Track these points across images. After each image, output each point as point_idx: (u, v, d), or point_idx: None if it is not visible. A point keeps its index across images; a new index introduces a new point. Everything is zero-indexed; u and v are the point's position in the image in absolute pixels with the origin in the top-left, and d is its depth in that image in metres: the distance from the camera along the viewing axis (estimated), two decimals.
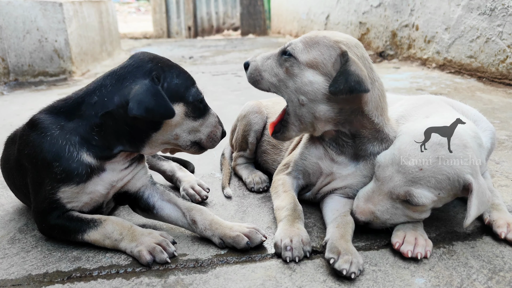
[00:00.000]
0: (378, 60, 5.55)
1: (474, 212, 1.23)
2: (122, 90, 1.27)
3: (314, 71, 1.37)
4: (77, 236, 1.35)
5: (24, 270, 1.27)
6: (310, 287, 1.14)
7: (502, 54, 3.63)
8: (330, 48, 1.36)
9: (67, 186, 1.32)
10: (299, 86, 1.39)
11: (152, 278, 1.21)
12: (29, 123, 1.39)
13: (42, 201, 1.35)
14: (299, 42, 1.41)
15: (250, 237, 1.32)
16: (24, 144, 1.37)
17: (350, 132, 1.43)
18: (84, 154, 1.31)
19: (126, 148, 1.36)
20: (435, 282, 1.15)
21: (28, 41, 4.77)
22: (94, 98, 1.31)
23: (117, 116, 1.29)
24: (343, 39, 1.39)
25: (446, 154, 1.25)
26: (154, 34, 13.25)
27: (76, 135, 1.31)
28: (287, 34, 10.18)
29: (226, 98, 3.64)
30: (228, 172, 1.92)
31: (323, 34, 1.41)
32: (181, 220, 1.43)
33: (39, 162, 1.32)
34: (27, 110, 1.66)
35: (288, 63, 1.40)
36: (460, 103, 1.61)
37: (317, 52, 1.37)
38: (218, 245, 1.35)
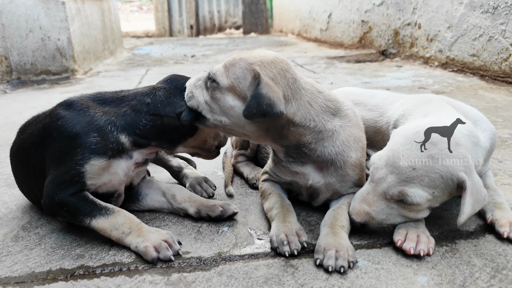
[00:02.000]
0: (380, 58, 5.54)
1: (468, 210, 1.23)
2: (174, 105, 1.52)
3: (233, 95, 1.35)
4: (85, 219, 1.36)
5: (28, 268, 1.27)
6: (313, 285, 1.14)
7: (505, 52, 3.63)
8: (245, 70, 1.33)
9: (98, 158, 1.39)
10: (223, 110, 1.37)
11: (155, 276, 1.21)
12: (64, 104, 1.49)
13: (65, 172, 1.37)
14: (221, 67, 1.39)
15: (224, 207, 1.50)
16: (56, 119, 1.44)
17: (292, 143, 1.40)
18: (123, 136, 1.45)
19: (162, 144, 1.54)
20: (438, 280, 1.15)
21: (30, 39, 4.78)
22: (148, 100, 1.52)
23: (165, 120, 1.50)
24: (258, 59, 1.35)
25: (439, 153, 1.25)
26: (156, 33, 13.26)
27: (122, 120, 1.47)
28: (289, 33, 10.18)
29: None
30: (230, 170, 1.92)
31: (243, 56, 1.37)
32: (161, 200, 1.59)
33: (72, 133, 1.40)
34: (30, 109, 1.66)
35: (212, 87, 1.38)
36: (461, 102, 1.61)
37: (234, 76, 1.34)
38: (193, 215, 1.52)
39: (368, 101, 1.86)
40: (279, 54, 1.42)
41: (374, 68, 4.92)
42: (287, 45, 8.09)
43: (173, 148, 1.58)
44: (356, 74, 4.52)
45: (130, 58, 6.91)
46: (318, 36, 8.19)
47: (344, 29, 7.05)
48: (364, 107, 1.85)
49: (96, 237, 1.43)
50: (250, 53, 1.39)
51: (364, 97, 1.90)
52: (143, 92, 1.56)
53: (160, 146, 1.55)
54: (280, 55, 1.42)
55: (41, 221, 1.56)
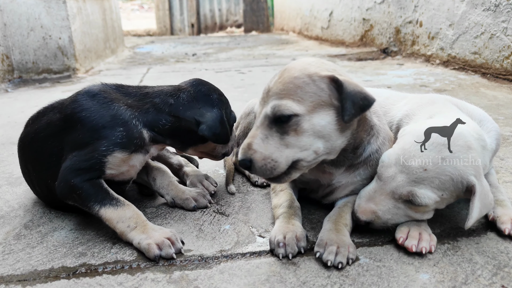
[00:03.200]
0: (382, 56, 5.53)
1: (476, 214, 1.22)
2: (195, 110, 1.56)
3: (319, 114, 1.25)
4: (94, 206, 1.37)
5: (30, 266, 1.27)
6: (315, 282, 1.15)
7: (506, 50, 3.62)
8: (315, 83, 1.25)
9: (121, 152, 1.44)
10: (316, 136, 1.26)
11: (157, 274, 1.21)
12: (87, 94, 1.51)
13: (86, 160, 1.40)
14: (284, 99, 1.25)
15: (198, 200, 1.60)
16: (80, 110, 1.46)
17: (354, 145, 1.38)
18: (145, 131, 1.50)
19: (175, 144, 1.62)
20: (440, 278, 1.15)
21: (32, 38, 4.79)
22: (171, 101, 1.55)
23: (183, 123, 1.54)
24: (315, 67, 1.29)
25: (451, 155, 1.25)
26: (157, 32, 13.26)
27: (145, 117, 1.51)
28: (290, 31, 10.17)
29: (230, 95, 3.61)
30: (231, 168, 1.92)
31: (293, 75, 1.27)
32: (144, 179, 1.67)
33: (98, 127, 1.43)
34: (32, 107, 1.66)
35: (293, 125, 1.24)
36: (465, 102, 1.60)
37: (308, 95, 1.24)
38: (169, 203, 1.62)
39: None
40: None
41: (375, 66, 4.91)
42: (288, 43, 8.09)
43: (184, 149, 1.66)
44: (357, 72, 4.51)
45: (132, 56, 6.91)
46: (319, 34, 8.18)
47: (345, 27, 7.04)
48: None
49: (98, 235, 1.44)
50: (297, 68, 1.29)
51: None
52: (167, 91, 1.59)
53: (173, 145, 1.62)
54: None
55: (43, 219, 1.57)
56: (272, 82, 1.31)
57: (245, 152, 1.26)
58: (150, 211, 1.61)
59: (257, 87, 3.94)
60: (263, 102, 1.32)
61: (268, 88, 1.31)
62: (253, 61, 5.75)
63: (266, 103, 1.29)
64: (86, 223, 1.52)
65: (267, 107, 1.28)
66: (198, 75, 4.81)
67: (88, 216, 1.57)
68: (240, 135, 1.93)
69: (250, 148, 1.26)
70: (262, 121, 1.28)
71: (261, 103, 1.32)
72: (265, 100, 1.31)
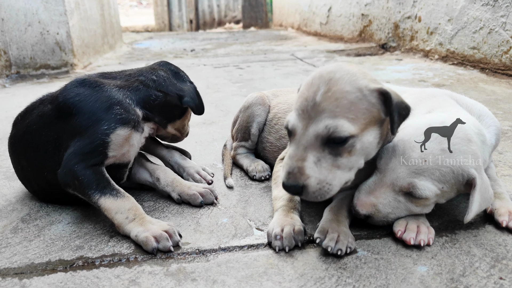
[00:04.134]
0: (380, 52, 5.52)
1: (476, 208, 1.22)
2: (174, 85, 1.68)
3: (368, 131, 1.20)
4: (94, 195, 1.36)
5: (27, 259, 1.27)
6: (312, 274, 1.14)
7: (505, 45, 3.61)
8: (367, 98, 1.18)
9: (123, 128, 1.46)
10: (363, 153, 1.22)
11: (154, 267, 1.21)
12: (76, 82, 1.53)
13: (88, 143, 1.40)
14: (339, 119, 1.15)
15: (205, 196, 1.57)
16: (72, 96, 1.48)
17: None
18: (137, 108, 1.55)
19: (160, 120, 1.66)
20: (438, 270, 1.15)
21: (29, 33, 4.77)
22: (153, 77, 1.65)
23: (168, 98, 1.64)
24: (361, 78, 1.21)
25: (451, 147, 1.24)
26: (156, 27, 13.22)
27: (136, 95, 1.57)
28: (289, 27, 10.14)
29: (228, 90, 3.64)
30: (229, 162, 1.92)
31: (343, 88, 1.17)
32: (149, 180, 1.66)
33: (95, 108, 1.45)
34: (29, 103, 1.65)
35: (348, 147, 1.17)
36: (465, 97, 1.59)
37: (362, 113, 1.17)
38: (175, 200, 1.59)
39: None
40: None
41: (374, 61, 4.90)
42: (287, 39, 8.07)
43: (165, 126, 1.70)
44: None
45: (130, 52, 6.89)
46: (318, 30, 8.16)
47: (344, 22, 7.02)
48: None
49: (95, 229, 1.43)
50: (345, 79, 1.19)
51: None
52: (147, 70, 1.68)
53: (159, 122, 1.66)
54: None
55: (40, 213, 1.56)
56: (319, 95, 1.17)
57: (296, 178, 1.15)
58: (148, 204, 1.60)
59: (255, 82, 3.94)
60: (307, 117, 1.17)
61: (314, 101, 1.17)
62: (252, 57, 5.73)
63: (315, 120, 1.16)
64: (83, 217, 1.52)
65: (319, 125, 1.15)
66: (196, 70, 4.80)
67: (85, 210, 1.57)
68: (239, 128, 1.93)
69: (303, 174, 1.15)
70: (312, 142, 1.16)
71: (304, 117, 1.18)
72: (311, 115, 1.16)
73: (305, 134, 1.17)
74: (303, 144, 1.17)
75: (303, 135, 1.17)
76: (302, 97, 1.21)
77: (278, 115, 1.82)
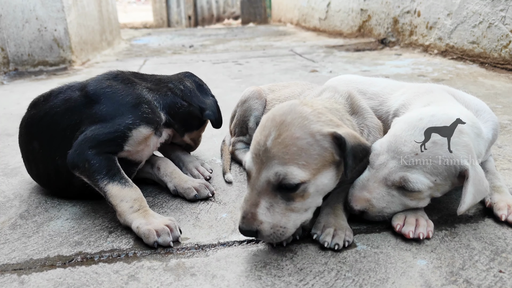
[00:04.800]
0: (380, 47, 5.51)
1: (469, 200, 1.22)
2: (198, 97, 1.75)
3: (322, 174, 1.19)
4: (103, 180, 1.36)
5: (26, 255, 1.27)
6: (312, 269, 1.14)
7: (505, 39, 3.60)
8: (319, 143, 1.17)
9: (146, 127, 1.49)
10: (318, 195, 1.23)
11: (153, 262, 1.21)
12: (109, 75, 1.60)
13: (108, 132, 1.42)
14: (289, 166, 1.13)
15: (199, 190, 1.57)
16: (105, 86, 1.53)
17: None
18: (162, 113, 1.60)
19: (179, 128, 1.70)
20: (437, 264, 1.14)
21: (27, 30, 4.74)
22: (181, 87, 1.71)
23: (191, 108, 1.70)
24: (315, 122, 1.19)
25: (442, 139, 1.24)
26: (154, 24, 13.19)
27: (165, 99, 1.62)
28: (288, 22, 10.12)
29: (227, 86, 3.63)
30: (228, 157, 1.91)
31: (294, 135, 1.15)
32: (149, 171, 1.68)
33: (125, 101, 1.49)
34: (27, 99, 1.65)
35: (300, 192, 1.17)
36: (463, 92, 1.59)
37: (314, 158, 1.16)
38: (171, 192, 1.60)
39: (367, 89, 1.84)
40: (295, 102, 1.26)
41: (373, 56, 4.89)
42: (285, 35, 8.05)
43: (183, 134, 1.75)
44: (355, 63, 4.49)
45: (128, 48, 6.87)
46: (317, 25, 8.14)
47: (343, 18, 7.00)
48: (363, 95, 1.83)
49: (94, 224, 1.43)
50: (296, 124, 1.17)
51: (364, 85, 1.88)
52: (175, 78, 1.75)
53: (177, 130, 1.70)
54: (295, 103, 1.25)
55: (38, 209, 1.56)
56: (269, 140, 1.15)
57: (250, 223, 1.15)
58: (147, 200, 1.58)
59: (254, 77, 3.92)
60: (260, 161, 1.17)
61: (266, 147, 1.16)
62: (251, 52, 5.72)
63: (266, 166, 1.15)
64: (82, 213, 1.51)
65: (269, 172, 1.15)
66: (195, 66, 4.79)
67: (84, 206, 1.56)
68: (237, 123, 1.92)
69: (256, 219, 1.15)
70: (264, 187, 1.16)
71: (257, 162, 1.17)
72: (262, 160, 1.16)
73: (258, 179, 1.17)
74: (256, 189, 1.17)
75: (257, 179, 1.17)
76: (255, 140, 1.20)
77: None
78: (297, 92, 1.76)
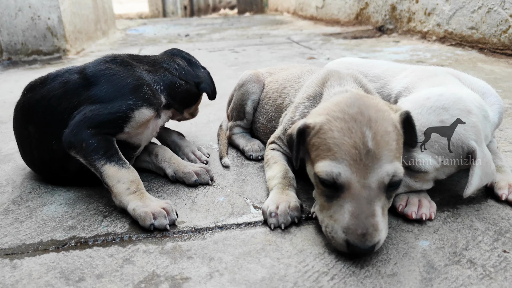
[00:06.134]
0: (378, 34, 5.46)
1: (476, 182, 1.19)
2: (191, 73, 1.73)
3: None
4: (99, 160, 1.33)
5: (18, 240, 1.23)
6: (312, 250, 1.11)
7: (504, 24, 3.56)
8: (397, 128, 1.14)
9: (148, 108, 1.46)
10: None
11: (149, 245, 1.17)
12: (108, 58, 1.57)
13: (109, 113, 1.37)
14: (395, 162, 1.08)
15: (200, 175, 1.54)
16: (104, 69, 1.49)
17: None
18: (162, 95, 1.57)
19: (178, 107, 1.68)
20: (440, 244, 1.12)
21: (20, 19, 4.67)
22: (175, 65, 1.68)
23: (188, 86, 1.69)
24: (384, 105, 1.16)
25: (450, 118, 1.21)
26: (150, 14, 13.07)
27: (164, 80, 1.59)
28: (285, 12, 10.03)
29: (223, 73, 3.58)
30: (225, 142, 1.88)
31: (385, 128, 1.08)
32: (147, 159, 1.65)
33: (126, 83, 1.45)
34: (21, 88, 1.61)
35: (398, 187, 1.13)
36: (468, 75, 1.54)
37: (400, 146, 1.13)
38: (170, 177, 1.57)
39: (368, 71, 1.80)
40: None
41: (371, 43, 4.85)
42: (282, 24, 7.98)
43: (182, 111, 1.74)
44: (353, 50, 4.45)
45: (123, 38, 6.80)
46: (314, 14, 8.06)
47: (340, 6, 6.93)
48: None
49: (88, 209, 1.40)
50: (380, 115, 1.10)
51: (364, 68, 1.84)
52: (167, 58, 1.72)
53: (177, 109, 1.69)
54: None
55: (32, 194, 1.52)
56: (369, 141, 1.05)
57: (373, 236, 1.01)
58: (143, 184, 1.56)
59: (251, 65, 3.88)
60: (363, 166, 1.04)
61: (367, 148, 1.04)
62: (247, 41, 5.66)
63: (374, 169, 1.04)
64: (76, 198, 1.48)
65: (380, 174, 1.04)
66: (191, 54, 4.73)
67: (78, 191, 1.53)
68: (234, 107, 1.89)
69: (377, 230, 1.02)
70: (375, 192, 1.05)
71: (358, 168, 1.04)
72: (366, 164, 1.04)
73: (365, 186, 1.04)
74: (366, 197, 1.03)
75: (363, 187, 1.04)
76: (345, 145, 1.05)
77: (268, 95, 1.78)
78: (295, 75, 1.72)
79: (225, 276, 1.03)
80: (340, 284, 0.99)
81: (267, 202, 1.28)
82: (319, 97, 1.43)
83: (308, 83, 1.54)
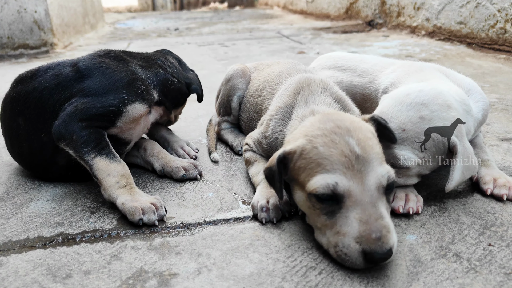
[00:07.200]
0: (367, 29, 5.47)
1: (457, 176, 1.20)
2: (182, 73, 1.73)
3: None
4: (89, 153, 1.31)
5: (4, 237, 1.22)
6: (300, 245, 1.12)
7: (492, 19, 3.59)
8: (374, 134, 1.17)
9: (141, 103, 1.45)
10: None
11: (137, 241, 1.17)
12: (101, 52, 1.56)
13: (101, 106, 1.37)
14: (384, 163, 1.10)
15: (188, 170, 1.53)
16: (98, 62, 1.48)
17: None
18: (155, 92, 1.56)
19: (169, 105, 1.67)
20: (427, 238, 1.13)
21: (6, 12, 4.60)
22: (168, 63, 1.68)
23: (179, 85, 1.68)
24: (360, 119, 1.20)
25: (430, 114, 1.22)
26: (139, 8, 12.95)
27: (158, 77, 1.59)
28: (275, 6, 10.00)
29: (213, 68, 3.57)
30: (214, 137, 1.87)
31: (365, 135, 1.09)
32: (136, 154, 1.64)
33: (120, 77, 1.44)
34: (7, 82, 1.59)
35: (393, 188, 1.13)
36: (454, 72, 1.55)
37: (381, 151, 1.15)
38: (158, 172, 1.56)
39: (357, 66, 1.81)
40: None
41: (360, 38, 4.85)
42: (272, 18, 7.95)
43: (170, 110, 1.71)
44: (342, 44, 4.45)
45: (112, 32, 6.73)
46: (304, 8, 8.05)
47: (330, 0, 6.93)
48: (353, 72, 1.80)
49: (76, 205, 1.38)
50: (357, 123, 1.12)
51: (353, 62, 1.85)
52: (160, 55, 1.72)
53: (167, 108, 1.67)
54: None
55: (18, 190, 1.51)
56: (355, 146, 1.04)
57: (388, 238, 0.98)
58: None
59: (241, 59, 3.86)
60: (358, 172, 1.02)
61: (356, 154, 1.03)
62: (237, 35, 5.63)
63: (368, 172, 1.03)
64: (63, 194, 1.47)
65: (375, 175, 1.03)
66: (180, 48, 4.69)
67: (65, 187, 1.52)
68: (221, 102, 1.88)
69: (390, 232, 0.99)
70: (375, 194, 1.03)
71: (353, 174, 1.02)
72: (359, 169, 1.03)
73: (365, 190, 1.02)
74: (369, 201, 1.01)
75: (363, 192, 1.02)
76: (333, 155, 1.04)
77: (250, 92, 1.77)
78: (275, 75, 1.66)
79: (213, 271, 1.03)
80: (328, 279, 0.99)
81: (256, 197, 1.28)
82: (289, 109, 1.38)
83: (281, 92, 1.50)
